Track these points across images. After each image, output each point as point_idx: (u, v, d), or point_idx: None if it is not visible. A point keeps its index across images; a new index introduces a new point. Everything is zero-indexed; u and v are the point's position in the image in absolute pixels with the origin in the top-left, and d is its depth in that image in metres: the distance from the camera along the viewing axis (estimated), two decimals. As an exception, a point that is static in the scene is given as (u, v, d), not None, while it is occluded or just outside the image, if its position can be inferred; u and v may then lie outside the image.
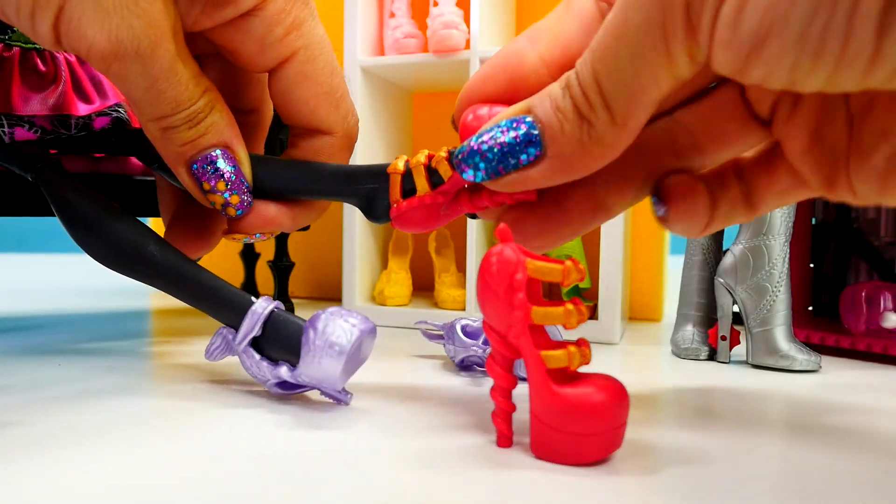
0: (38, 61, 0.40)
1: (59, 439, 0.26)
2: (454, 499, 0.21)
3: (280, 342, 0.31)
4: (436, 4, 0.59)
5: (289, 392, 0.32)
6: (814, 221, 0.61)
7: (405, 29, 0.61)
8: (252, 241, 0.33)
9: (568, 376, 0.24)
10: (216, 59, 0.33)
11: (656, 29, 0.18)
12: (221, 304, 0.33)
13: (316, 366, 0.29)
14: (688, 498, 0.21)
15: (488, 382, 0.37)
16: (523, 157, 0.22)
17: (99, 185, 0.47)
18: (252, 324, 0.31)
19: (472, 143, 0.23)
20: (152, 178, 0.51)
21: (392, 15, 0.63)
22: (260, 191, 0.32)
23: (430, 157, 0.28)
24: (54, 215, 0.47)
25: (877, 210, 0.57)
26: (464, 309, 0.60)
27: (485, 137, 0.23)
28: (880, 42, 0.15)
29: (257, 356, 0.32)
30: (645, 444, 0.27)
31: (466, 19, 0.60)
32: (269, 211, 0.32)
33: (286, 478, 0.22)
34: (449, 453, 0.25)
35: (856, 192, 0.21)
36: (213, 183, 0.30)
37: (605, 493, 0.21)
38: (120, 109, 0.43)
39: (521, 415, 0.26)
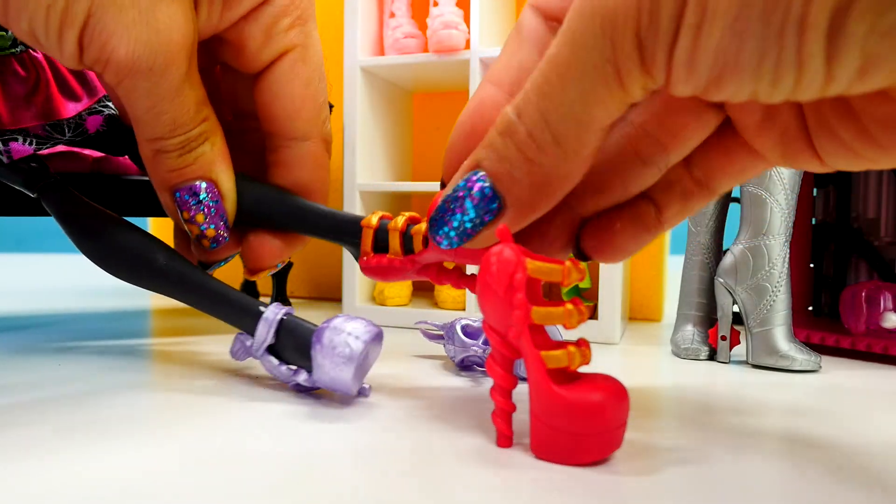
0: (18, 66, 0.39)
1: (59, 439, 0.26)
2: (454, 499, 0.21)
3: (294, 349, 0.32)
4: (436, 4, 0.59)
5: (311, 390, 0.33)
6: (814, 221, 0.61)
7: (405, 29, 0.61)
8: (272, 273, 0.35)
9: (568, 376, 0.24)
10: (222, 67, 0.34)
11: (608, 66, 0.18)
12: (232, 311, 0.33)
13: (327, 378, 0.30)
14: (688, 498, 0.21)
15: (488, 382, 0.37)
16: (486, 215, 0.22)
17: (98, 186, 0.47)
18: (265, 332, 0.32)
19: (436, 216, 0.24)
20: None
21: (392, 15, 0.63)
22: (253, 220, 0.33)
23: (408, 222, 0.30)
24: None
25: (877, 210, 0.57)
26: (464, 309, 0.60)
27: (446, 206, 0.23)
28: (831, 67, 0.16)
29: (276, 361, 0.32)
30: (645, 444, 0.27)
31: (466, 19, 0.60)
32: (276, 245, 0.33)
33: (284, 477, 0.22)
34: (449, 453, 0.25)
35: (824, 162, 0.22)
36: (192, 213, 0.30)
37: (605, 493, 0.21)
38: (109, 104, 0.42)
39: (521, 415, 0.26)
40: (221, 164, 0.31)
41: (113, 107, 0.42)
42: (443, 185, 0.27)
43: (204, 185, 0.30)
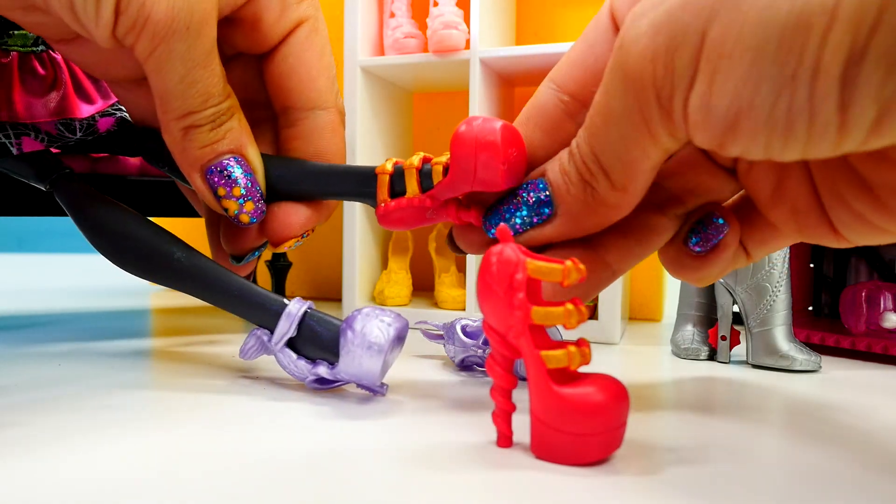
0: (37, 64, 0.40)
1: (59, 439, 0.26)
2: (454, 499, 0.21)
3: (316, 342, 0.32)
4: (436, 4, 0.59)
5: (326, 387, 0.33)
6: (814, 221, 0.61)
7: (405, 29, 0.61)
8: (295, 247, 0.34)
9: (568, 376, 0.24)
10: (237, 60, 0.34)
11: (636, 114, 0.20)
12: (254, 307, 0.33)
13: (356, 365, 0.30)
14: (688, 498, 0.21)
15: (488, 382, 0.37)
16: (536, 217, 0.24)
17: (96, 186, 0.47)
18: (288, 325, 0.32)
19: (494, 206, 0.26)
20: (149, 178, 0.51)
21: (392, 15, 0.63)
22: (278, 194, 0.32)
23: (424, 161, 0.29)
24: (55, 215, 0.47)
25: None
26: (464, 309, 0.60)
27: (505, 199, 0.25)
28: (845, 116, 0.16)
29: (294, 355, 0.32)
30: (645, 444, 0.27)
31: (466, 19, 0.60)
32: (302, 211, 0.33)
33: (280, 476, 0.22)
34: (449, 453, 0.25)
35: (842, 235, 0.23)
36: (228, 189, 0.30)
37: (605, 493, 0.21)
38: (123, 108, 0.42)
39: (521, 415, 0.26)
40: (248, 139, 0.31)
41: (126, 110, 0.43)
42: None
43: (234, 158, 0.30)
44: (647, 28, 0.19)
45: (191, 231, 0.88)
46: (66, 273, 1.28)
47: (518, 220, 0.25)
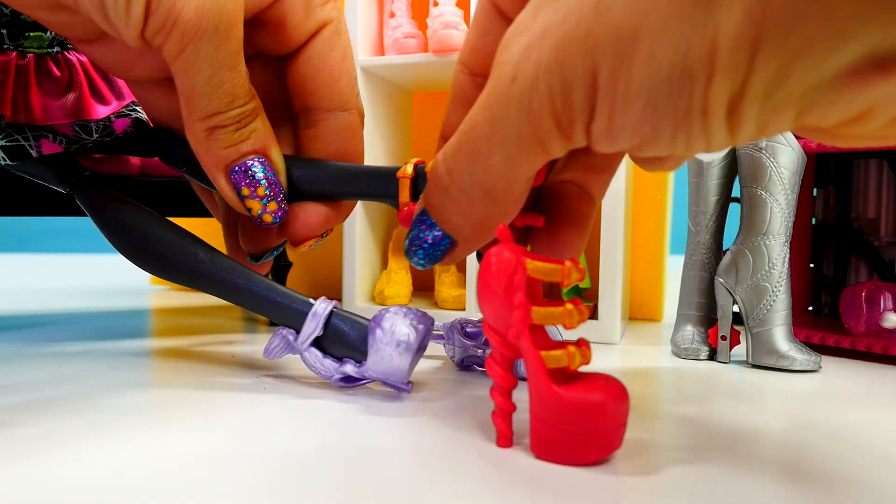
0: (53, 66, 0.40)
1: (59, 439, 0.26)
2: (454, 499, 0.21)
3: (343, 340, 0.33)
4: (436, 4, 0.59)
5: (351, 385, 0.33)
6: (814, 221, 0.61)
7: (405, 29, 0.61)
8: (314, 246, 0.34)
9: (568, 376, 0.24)
10: (258, 60, 0.35)
11: (530, 138, 0.21)
12: (279, 307, 0.34)
13: (386, 362, 0.31)
14: (688, 498, 0.21)
15: (488, 382, 0.37)
16: (442, 249, 0.26)
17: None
18: (315, 325, 0.33)
19: (406, 248, 0.27)
20: (151, 178, 0.51)
21: (392, 15, 0.63)
22: (299, 194, 0.33)
23: None
24: (55, 215, 0.47)
25: (877, 210, 0.57)
26: (464, 309, 0.60)
27: (410, 242, 0.26)
28: (734, 134, 0.18)
29: (320, 354, 0.33)
30: (645, 444, 0.27)
31: (466, 19, 0.60)
32: (322, 211, 0.33)
33: (273, 474, 0.22)
34: (449, 453, 0.25)
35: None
36: (252, 189, 0.30)
37: (605, 493, 0.21)
38: (138, 108, 0.42)
39: (521, 415, 0.26)
40: (272, 140, 0.31)
41: (140, 110, 0.42)
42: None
43: (259, 160, 0.30)
44: (533, 68, 0.19)
45: (196, 231, 0.88)
46: (66, 273, 1.29)
47: (430, 257, 0.26)
